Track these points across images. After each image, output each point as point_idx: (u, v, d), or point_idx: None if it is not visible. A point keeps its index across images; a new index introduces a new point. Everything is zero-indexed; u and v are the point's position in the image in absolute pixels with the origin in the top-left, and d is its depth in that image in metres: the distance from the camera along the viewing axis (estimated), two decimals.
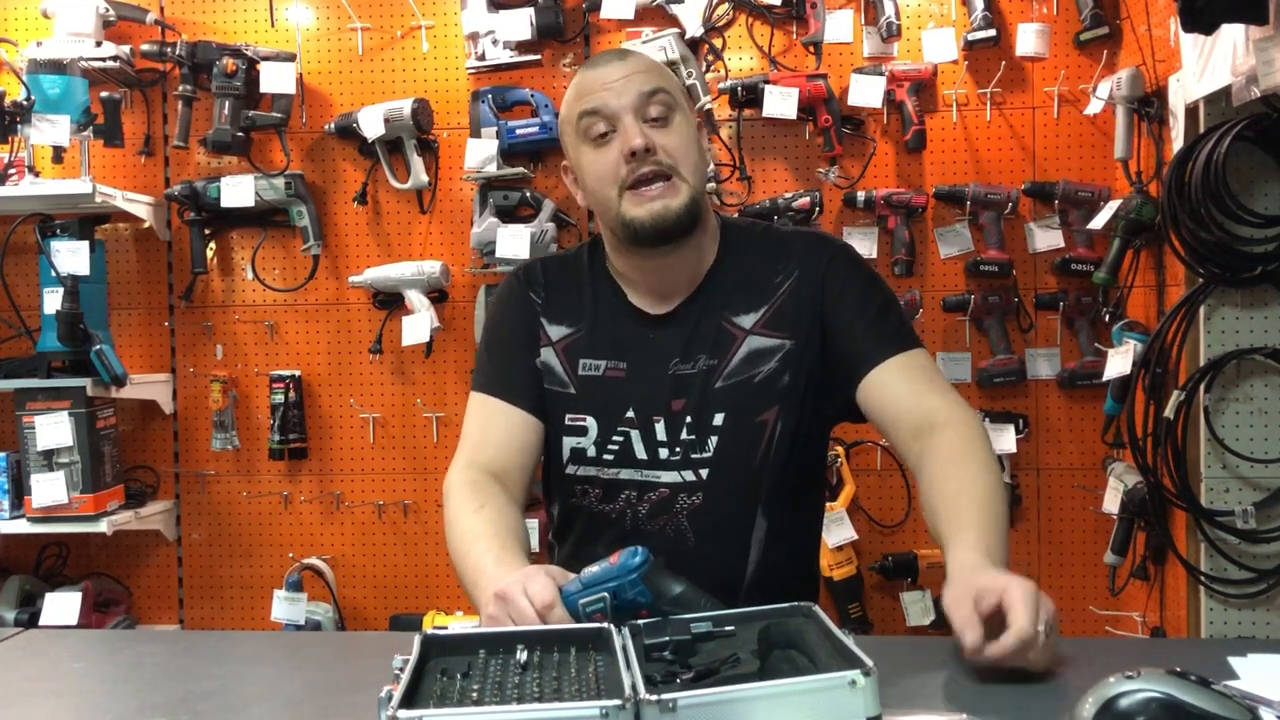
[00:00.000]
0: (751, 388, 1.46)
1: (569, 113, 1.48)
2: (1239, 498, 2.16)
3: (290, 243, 3.05)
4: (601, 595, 1.13)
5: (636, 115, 1.42)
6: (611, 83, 1.43)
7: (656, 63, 1.52)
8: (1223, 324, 2.16)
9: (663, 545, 1.41)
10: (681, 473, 1.46)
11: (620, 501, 1.49)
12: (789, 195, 2.81)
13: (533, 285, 1.57)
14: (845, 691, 0.88)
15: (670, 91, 1.45)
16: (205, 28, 3.04)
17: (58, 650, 1.36)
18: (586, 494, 1.51)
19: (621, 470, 1.48)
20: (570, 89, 1.50)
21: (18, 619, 2.86)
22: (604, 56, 1.50)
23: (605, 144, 1.44)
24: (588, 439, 1.49)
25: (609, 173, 1.43)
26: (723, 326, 1.48)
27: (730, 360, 1.47)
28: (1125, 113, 2.53)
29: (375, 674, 1.02)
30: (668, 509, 1.47)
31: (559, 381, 1.52)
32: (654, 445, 1.47)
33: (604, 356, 1.51)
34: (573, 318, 1.54)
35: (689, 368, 1.48)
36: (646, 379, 1.48)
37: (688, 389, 1.47)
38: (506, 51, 2.89)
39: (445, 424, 3.02)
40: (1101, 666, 0.98)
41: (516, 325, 1.56)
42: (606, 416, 1.49)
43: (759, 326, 1.48)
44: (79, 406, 2.78)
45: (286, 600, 2.92)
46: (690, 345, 1.48)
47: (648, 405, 1.47)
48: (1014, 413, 2.84)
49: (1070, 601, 2.86)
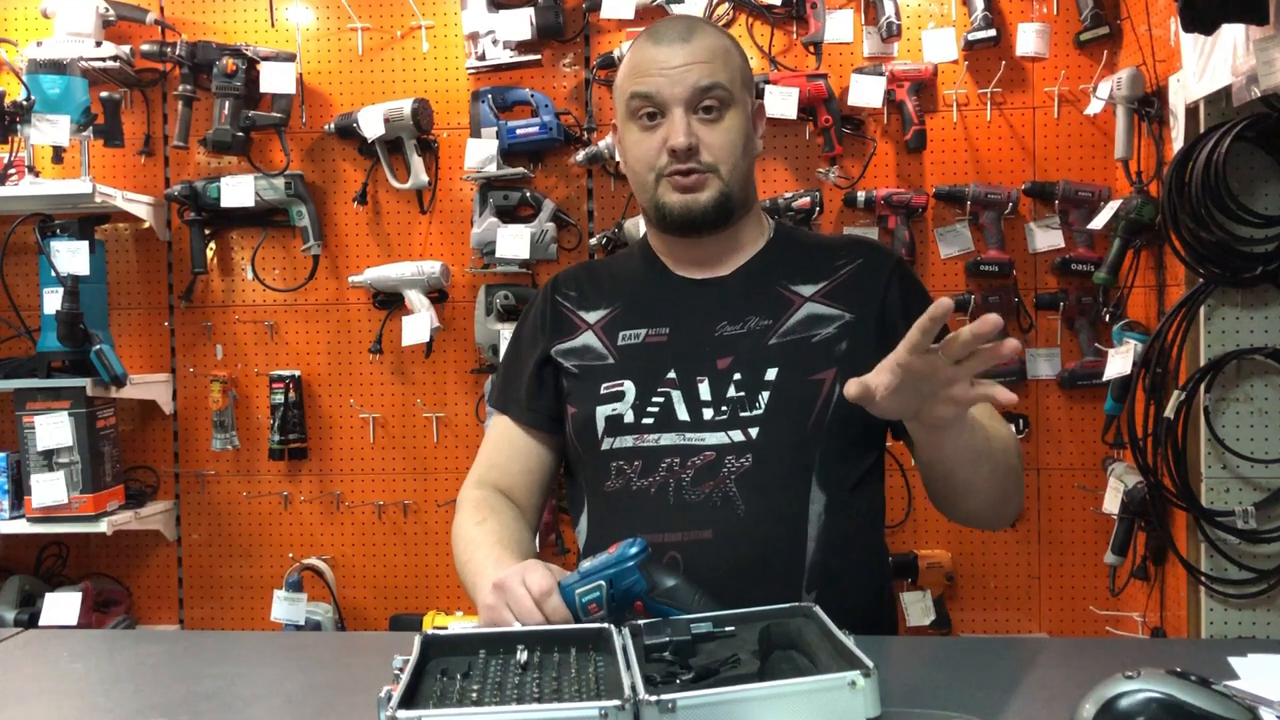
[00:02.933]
0: (809, 346, 1.42)
1: (623, 83, 1.45)
2: (1239, 498, 2.15)
3: (290, 243, 3.05)
4: (598, 584, 1.14)
5: (687, 109, 1.40)
6: (669, 69, 1.40)
7: (722, 46, 1.44)
8: (1223, 324, 2.16)
9: (710, 514, 1.36)
10: (729, 433, 1.39)
11: (661, 472, 1.39)
12: (789, 195, 2.80)
13: (560, 289, 1.58)
14: (845, 692, 0.88)
15: (727, 85, 1.41)
16: (205, 28, 3.04)
17: (58, 650, 1.36)
18: (624, 471, 1.42)
19: (662, 435, 1.40)
20: (630, 54, 1.47)
21: (17, 619, 2.86)
22: (669, 29, 1.44)
23: (652, 128, 1.42)
24: (624, 404, 1.43)
25: (650, 157, 1.42)
26: (779, 292, 1.46)
27: (786, 321, 1.44)
28: (1125, 113, 2.53)
29: (375, 674, 1.02)
30: (714, 474, 1.37)
31: (597, 356, 1.49)
32: (697, 405, 1.40)
33: (645, 324, 1.49)
34: (609, 300, 1.53)
35: (738, 328, 1.44)
36: (690, 339, 1.45)
37: (736, 347, 1.43)
38: (506, 51, 2.89)
39: (445, 424, 3.02)
40: (1101, 666, 0.98)
41: (535, 334, 1.55)
42: (646, 379, 1.43)
43: (819, 296, 1.45)
44: (79, 406, 2.78)
45: (286, 600, 2.92)
46: (741, 307, 1.45)
47: (690, 365, 1.43)
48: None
49: (1070, 601, 2.87)
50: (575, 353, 1.51)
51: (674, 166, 1.41)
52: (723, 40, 1.45)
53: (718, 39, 1.45)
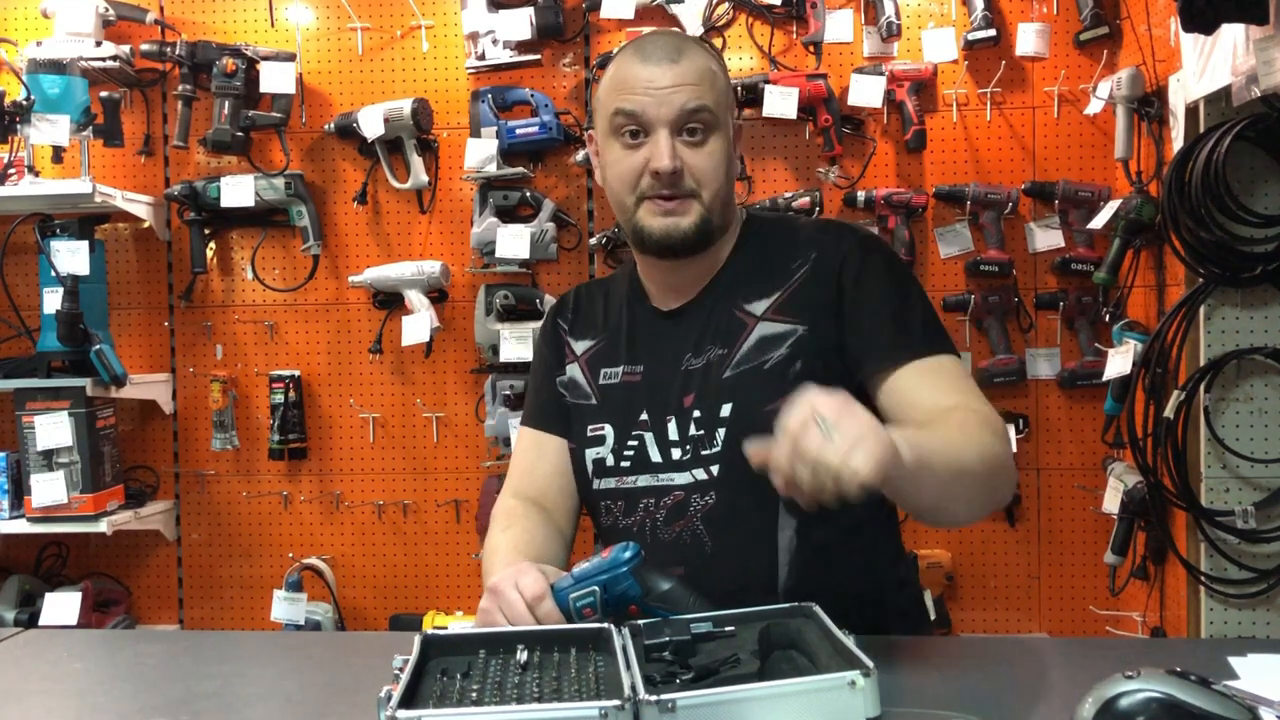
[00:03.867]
0: (760, 375, 1.38)
1: (606, 98, 1.41)
2: (1239, 498, 2.15)
3: (290, 243, 3.05)
4: (592, 589, 1.14)
5: (673, 130, 1.36)
6: (655, 89, 1.36)
7: (708, 68, 1.40)
8: (1223, 324, 2.16)
9: (680, 553, 1.37)
10: (693, 472, 1.39)
11: (640, 513, 1.42)
12: (789, 195, 2.80)
13: (562, 312, 1.60)
14: (845, 692, 0.88)
15: (713, 109, 1.38)
16: (205, 27, 3.04)
17: (58, 650, 1.36)
18: (610, 511, 1.46)
19: (639, 477, 1.43)
20: (614, 67, 1.42)
21: (17, 619, 2.86)
22: (657, 48, 1.39)
23: (634, 146, 1.38)
24: (605, 448, 1.46)
25: (631, 178, 1.39)
26: (734, 315, 1.43)
27: (740, 348, 1.40)
28: (1125, 113, 2.53)
29: (375, 674, 1.02)
30: (683, 513, 1.39)
31: (583, 395, 1.51)
32: (667, 445, 1.41)
33: (622, 362, 1.49)
34: (596, 330, 1.55)
35: (700, 361, 1.42)
36: (659, 378, 1.45)
37: (697, 383, 1.41)
38: (506, 51, 2.89)
39: (445, 424, 3.02)
40: (1101, 666, 0.98)
41: (546, 357, 1.59)
42: (622, 422, 1.45)
43: (770, 312, 1.41)
44: (79, 406, 2.77)
45: (286, 600, 2.92)
46: (702, 338, 1.44)
47: (660, 405, 1.43)
48: (1014, 413, 2.84)
49: (1070, 601, 2.87)
50: (568, 387, 1.54)
51: (657, 190, 1.38)
52: (710, 62, 1.42)
53: (705, 60, 1.41)
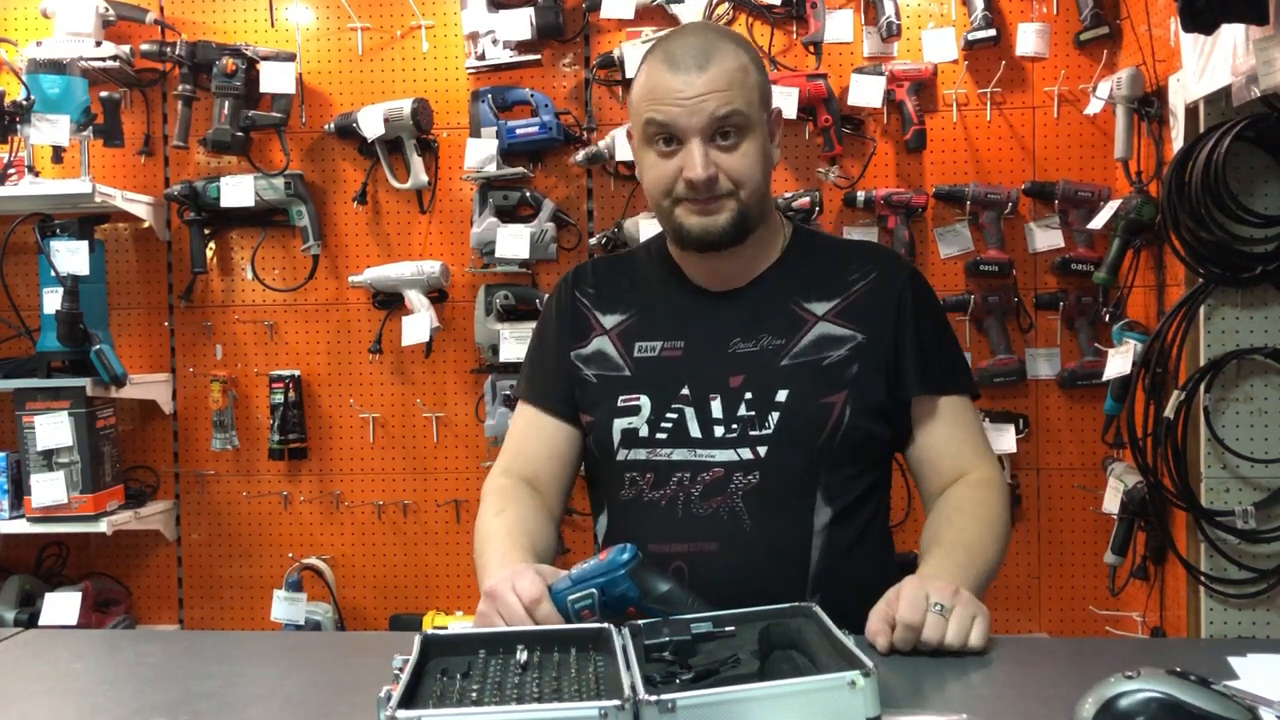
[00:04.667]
0: (818, 370, 1.43)
1: (639, 104, 1.41)
2: (1239, 498, 2.15)
3: (290, 243, 3.05)
4: (590, 591, 1.14)
5: (704, 138, 1.37)
6: (685, 100, 1.36)
7: (739, 66, 1.39)
8: (1223, 324, 2.16)
9: (717, 528, 1.39)
10: (738, 450, 1.41)
11: (672, 486, 1.43)
12: (789, 195, 2.80)
13: (580, 284, 1.58)
14: (845, 692, 0.88)
15: (745, 110, 1.38)
16: (205, 27, 3.04)
17: (58, 650, 1.36)
18: (636, 482, 1.45)
19: (674, 451, 1.43)
20: (645, 72, 1.42)
21: (17, 619, 2.86)
22: (685, 53, 1.38)
23: (668, 154, 1.39)
24: (639, 418, 1.45)
25: (666, 183, 1.41)
26: (793, 310, 1.46)
27: (799, 341, 1.44)
28: (1125, 113, 2.53)
29: (375, 674, 1.02)
30: (722, 490, 1.41)
31: (613, 366, 1.50)
32: (709, 423, 1.43)
33: (661, 337, 1.49)
34: (626, 305, 1.54)
35: (751, 345, 1.45)
36: (704, 356, 1.46)
37: (748, 366, 1.44)
38: (506, 51, 2.89)
39: (445, 424, 3.02)
40: (1101, 666, 0.98)
41: (558, 331, 1.56)
42: (660, 394, 1.45)
43: (832, 315, 1.46)
44: (79, 406, 2.78)
45: (286, 600, 2.92)
46: (754, 325, 1.46)
47: (704, 382, 1.44)
48: (1014, 413, 2.84)
49: (1070, 601, 2.87)
50: (592, 360, 1.52)
51: (692, 195, 1.40)
52: (740, 58, 1.40)
53: (735, 58, 1.39)
